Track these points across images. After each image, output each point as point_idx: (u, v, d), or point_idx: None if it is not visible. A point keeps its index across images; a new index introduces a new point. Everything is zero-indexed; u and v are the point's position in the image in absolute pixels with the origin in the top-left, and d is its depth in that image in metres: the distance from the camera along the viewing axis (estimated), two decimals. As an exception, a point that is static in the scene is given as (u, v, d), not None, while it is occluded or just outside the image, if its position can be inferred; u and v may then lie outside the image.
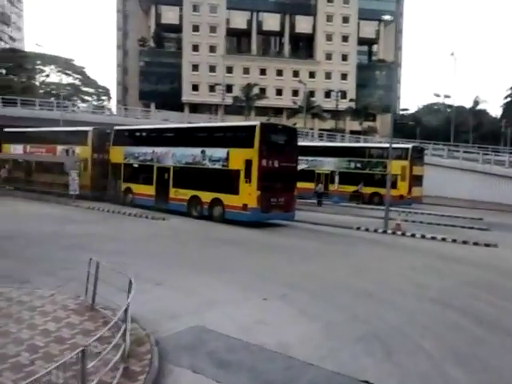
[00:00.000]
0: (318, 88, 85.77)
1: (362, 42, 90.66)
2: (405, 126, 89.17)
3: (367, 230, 22.49)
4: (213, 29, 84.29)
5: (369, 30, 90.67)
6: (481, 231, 24.35)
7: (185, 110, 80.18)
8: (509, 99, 69.94)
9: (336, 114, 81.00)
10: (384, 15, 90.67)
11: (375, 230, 22.34)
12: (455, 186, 41.62)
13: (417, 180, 33.87)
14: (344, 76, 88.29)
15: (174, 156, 24.35)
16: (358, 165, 35.21)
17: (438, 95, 54.86)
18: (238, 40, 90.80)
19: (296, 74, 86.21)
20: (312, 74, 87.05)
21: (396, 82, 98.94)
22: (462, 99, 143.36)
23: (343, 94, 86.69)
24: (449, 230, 23.65)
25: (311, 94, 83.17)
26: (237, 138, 22.33)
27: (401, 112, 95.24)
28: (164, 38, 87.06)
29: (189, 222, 22.53)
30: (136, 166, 26.50)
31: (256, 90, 76.21)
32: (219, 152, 22.27)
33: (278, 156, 21.58)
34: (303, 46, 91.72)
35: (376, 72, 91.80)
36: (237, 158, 21.53)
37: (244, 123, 24.03)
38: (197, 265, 13.93)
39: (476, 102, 67.27)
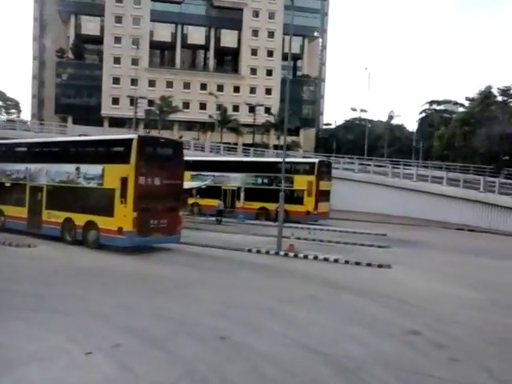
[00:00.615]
0: (243, 102, 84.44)
1: (286, 57, 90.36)
2: (327, 141, 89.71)
3: (259, 251, 20.57)
4: (136, 41, 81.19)
5: (293, 45, 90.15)
6: (381, 249, 23.15)
7: (104, 124, 76.49)
8: (423, 114, 71.21)
9: (260, 129, 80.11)
10: (309, 31, 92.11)
11: (267, 252, 20.46)
12: (367, 200, 40.91)
13: (324, 195, 32.56)
14: (268, 91, 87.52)
15: (47, 173, 21.48)
16: (265, 180, 33.53)
17: (354, 109, 54.88)
18: (162, 53, 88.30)
19: (220, 88, 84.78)
20: (237, 89, 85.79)
21: (320, 97, 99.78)
22: (383, 114, 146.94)
23: (267, 109, 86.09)
24: (346, 249, 22.25)
25: (235, 108, 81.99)
26: (113, 152, 19.88)
27: (324, 127, 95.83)
28: (84, 50, 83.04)
29: (58, 248, 19.70)
30: (8, 185, 23.38)
31: (178, 103, 74.03)
32: (94, 169, 19.71)
33: (159, 172, 19.29)
34: (228, 60, 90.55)
35: (300, 87, 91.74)
36: (112, 175, 19.04)
37: (120, 136, 21.71)
38: (23, 305, 11.37)
39: (390, 117, 68.10)
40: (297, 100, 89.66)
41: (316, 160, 33.89)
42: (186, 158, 37.68)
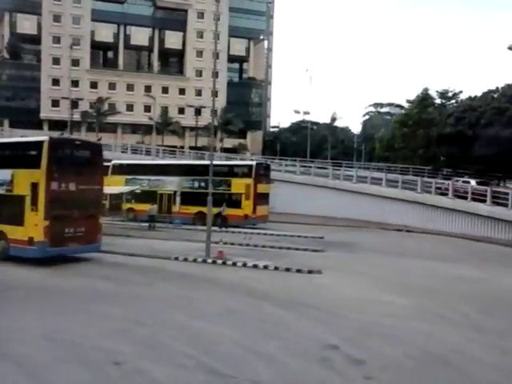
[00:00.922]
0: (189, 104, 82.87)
1: (232, 59, 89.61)
2: (274, 143, 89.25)
3: (186, 259, 19.38)
4: (76, 41, 78.21)
5: (239, 47, 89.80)
6: (315, 253, 22.44)
7: (44, 127, 73.14)
8: (367, 117, 71.87)
9: (207, 131, 78.58)
10: (254, 33, 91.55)
11: (194, 260, 19.30)
12: (309, 202, 40.37)
13: (262, 198, 31.67)
14: (215, 93, 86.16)
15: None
16: (202, 184, 32.29)
17: (297, 112, 54.50)
18: (105, 54, 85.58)
19: (165, 90, 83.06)
20: (182, 91, 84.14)
21: (266, 100, 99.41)
22: (328, 116, 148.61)
23: (214, 112, 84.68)
24: (279, 254, 21.41)
25: (181, 110, 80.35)
26: (23, 156, 18.17)
27: (271, 129, 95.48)
28: (21, 49, 79.13)
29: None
30: None
31: (121, 105, 71.83)
32: (2, 174, 17.98)
33: (74, 177, 17.77)
34: (173, 62, 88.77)
35: (246, 90, 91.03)
36: (22, 181, 17.40)
37: (30, 139, 19.98)
38: None
39: (333, 119, 68.32)
40: (243, 102, 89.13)
41: (253, 162, 32.97)
42: (121, 162, 36.75)
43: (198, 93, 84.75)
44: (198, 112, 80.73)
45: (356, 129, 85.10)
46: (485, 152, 36.20)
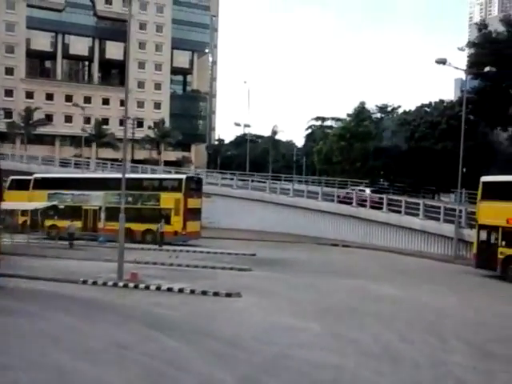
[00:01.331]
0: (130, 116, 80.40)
1: (175, 71, 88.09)
2: (218, 157, 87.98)
3: (95, 283, 17.58)
4: (10, 48, 74.74)
5: (183, 59, 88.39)
6: (241, 272, 21.10)
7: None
8: (309, 130, 71.75)
9: (148, 144, 76.50)
10: (198, 46, 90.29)
11: (104, 283, 17.52)
12: (246, 217, 39.20)
13: (194, 214, 30.11)
14: (157, 105, 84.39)
15: None
16: (129, 198, 30.45)
17: (238, 124, 53.54)
18: (42, 63, 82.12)
19: (106, 101, 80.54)
20: (123, 103, 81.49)
21: (211, 113, 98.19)
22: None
23: (156, 124, 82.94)
24: (202, 275, 19.92)
25: (121, 122, 77.83)
26: None
27: (216, 142, 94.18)
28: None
29: None
30: None
31: (59, 117, 68.76)
32: None
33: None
34: (115, 73, 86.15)
35: (190, 102, 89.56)
36: None
37: None
38: None
39: (274, 132, 67.80)
40: (187, 115, 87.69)
41: (183, 176, 31.41)
42: (43, 175, 34.41)
43: (140, 105, 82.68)
44: (140, 124, 79.26)
45: (300, 142, 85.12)
46: (419, 165, 36.16)
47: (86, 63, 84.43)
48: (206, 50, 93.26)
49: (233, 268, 21.57)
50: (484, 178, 22.47)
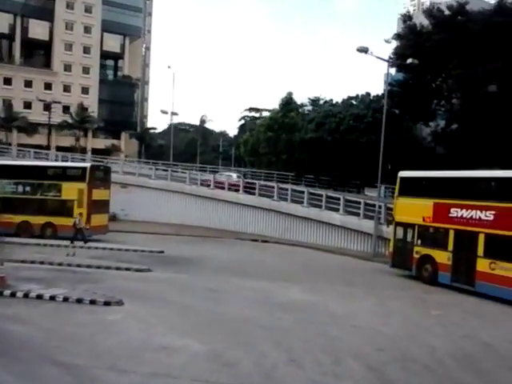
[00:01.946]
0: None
1: (106, 55, 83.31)
2: (151, 145, 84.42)
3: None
4: None
5: (113, 43, 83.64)
6: (138, 273, 18.75)
7: None
8: (243, 121, 69.69)
9: (75, 129, 71.90)
10: (130, 30, 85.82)
11: (-37, 290, 14.63)
12: (165, 209, 36.68)
13: (100, 206, 27.21)
14: (85, 90, 79.45)
15: None
16: (27, 188, 27.25)
17: (165, 112, 50.44)
18: (-46, 40, 75.28)
19: (29, 84, 74.73)
20: (48, 86, 76.24)
21: (143, 100, 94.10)
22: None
23: (85, 110, 78.19)
24: (91, 277, 17.45)
25: (47, 107, 72.60)
26: None
27: (150, 131, 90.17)
28: None
29: None
30: None
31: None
32: None
33: None
34: (39, 54, 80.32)
35: (121, 88, 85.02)
36: None
37: None
38: None
39: (203, 121, 65.30)
40: (117, 102, 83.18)
41: (88, 164, 28.41)
42: None
43: (67, 89, 77.59)
44: (67, 109, 74.29)
45: (235, 133, 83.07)
46: (344, 159, 34.91)
47: (7, 42, 77.71)
48: (139, 35, 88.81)
49: (129, 269, 19.14)
50: (402, 173, 21.18)
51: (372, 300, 15.91)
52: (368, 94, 37.57)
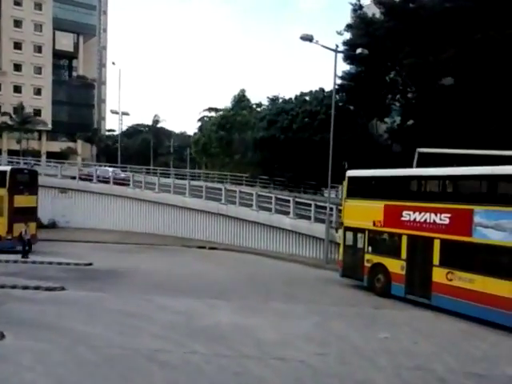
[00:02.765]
0: (6, 102, 71.11)
1: (59, 55, 79.27)
2: (109, 148, 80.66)
3: None
4: None
5: (67, 42, 79.71)
6: (46, 293, 15.94)
7: None
8: (200, 123, 66.68)
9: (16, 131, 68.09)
10: (83, 28, 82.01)
11: None
12: (108, 215, 33.70)
13: (25, 214, 24.05)
14: (38, 91, 75.33)
15: None
16: None
17: (115, 112, 47.15)
18: None
19: (-24, 83, 70.37)
20: (-4, 86, 71.99)
21: (101, 101, 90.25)
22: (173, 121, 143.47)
23: (37, 112, 74.14)
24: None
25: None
26: None
27: (107, 133, 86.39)
28: None
29: None
30: None
31: None
32: None
33: None
34: (-14, 53, 75.67)
35: (76, 89, 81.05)
36: None
37: None
38: None
39: (156, 121, 62.20)
40: (72, 103, 79.54)
41: (8, 168, 25.27)
42: None
43: (18, 89, 73.37)
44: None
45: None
46: (297, 158, 32.58)
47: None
48: (93, 33, 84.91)
49: (39, 287, 16.29)
50: (349, 173, 18.91)
51: (313, 320, 13.54)
52: (322, 90, 35.36)
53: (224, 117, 41.94)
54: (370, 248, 17.58)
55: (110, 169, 36.60)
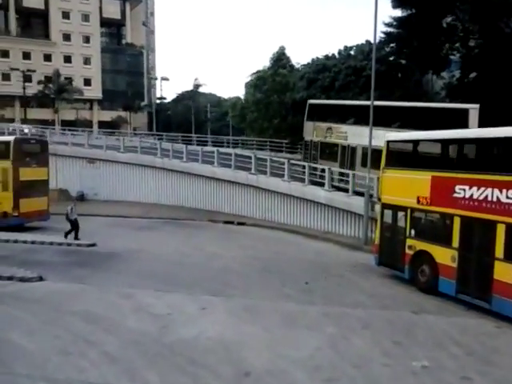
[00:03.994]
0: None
1: (106, 23, 77.38)
2: (159, 117, 78.73)
3: None
4: None
5: (114, 9, 77.51)
6: (20, 283, 13.47)
7: None
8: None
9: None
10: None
11: None
12: (136, 186, 31.20)
13: (33, 188, 21.76)
14: (87, 60, 74.09)
15: None
16: None
17: (165, 79, 43.29)
18: None
19: (27, 56, 69.66)
20: (48, 57, 71.15)
21: (150, 69, 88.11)
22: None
23: (87, 81, 73.25)
24: None
25: (48, 79, 67.76)
26: None
27: (157, 101, 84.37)
28: None
29: None
30: None
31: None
32: None
33: None
34: (36, 23, 74.91)
35: (125, 57, 79.21)
36: None
37: None
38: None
39: (196, 86, 58.72)
40: (123, 71, 77.87)
41: (11, 138, 22.86)
42: None
43: (67, 59, 72.37)
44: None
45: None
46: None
47: (1, 12, 72.47)
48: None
49: (12, 277, 13.75)
50: (389, 136, 14.92)
51: (327, 332, 10.07)
52: (369, 43, 30.54)
53: (261, 78, 37.88)
54: (412, 231, 13.68)
55: (25, 125, 37.13)
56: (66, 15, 72.11)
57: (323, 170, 22.14)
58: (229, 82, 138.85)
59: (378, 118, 19.23)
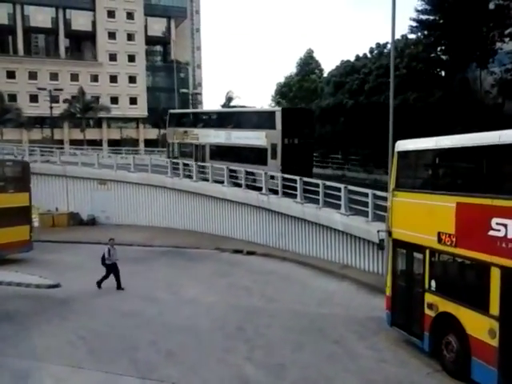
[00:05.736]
0: (103, 93, 70.32)
1: (152, 41, 76.56)
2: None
3: None
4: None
5: (158, 27, 76.63)
6: None
7: None
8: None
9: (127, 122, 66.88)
10: (174, 12, 78.42)
11: None
12: (147, 209, 28.04)
13: (10, 216, 18.98)
14: (132, 79, 73.36)
15: None
16: None
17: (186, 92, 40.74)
18: (0, 38, 71.91)
19: (75, 77, 69.81)
20: (95, 78, 71.07)
21: (197, 84, 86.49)
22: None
23: (133, 100, 72.57)
24: None
25: (96, 99, 67.55)
26: None
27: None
28: None
29: None
30: None
31: (23, 97, 58.79)
32: None
33: None
34: (84, 45, 75.25)
35: (171, 74, 77.84)
36: None
37: None
38: None
39: (229, 99, 55.45)
40: (167, 89, 76.53)
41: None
42: None
43: (113, 79, 71.97)
44: (115, 101, 70.32)
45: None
46: (372, 129, 23.84)
47: (53, 36, 73.30)
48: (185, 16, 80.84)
49: None
50: (400, 145, 10.54)
51: None
52: (405, 38, 25.67)
53: (286, 84, 33.74)
54: (433, 283, 9.26)
55: None
56: (112, 35, 71.82)
57: (338, 189, 17.72)
58: (262, 93, 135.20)
59: (220, 121, 26.64)
